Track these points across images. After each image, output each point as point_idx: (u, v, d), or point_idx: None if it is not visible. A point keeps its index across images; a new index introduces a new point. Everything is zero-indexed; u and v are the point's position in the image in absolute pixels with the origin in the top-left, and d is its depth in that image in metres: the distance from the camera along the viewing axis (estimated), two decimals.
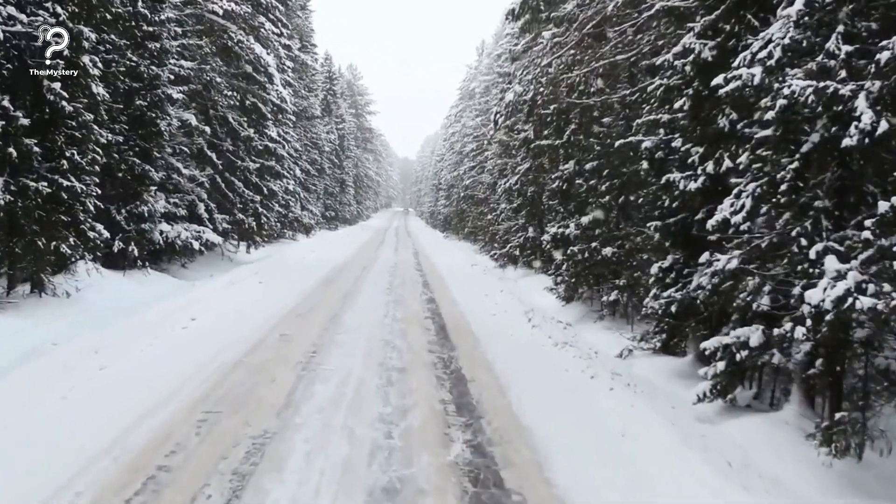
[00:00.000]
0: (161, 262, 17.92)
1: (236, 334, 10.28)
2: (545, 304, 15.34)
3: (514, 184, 21.93)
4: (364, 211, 68.74)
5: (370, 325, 11.73)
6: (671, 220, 8.92)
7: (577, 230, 13.37)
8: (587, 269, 13.40)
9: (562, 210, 15.16)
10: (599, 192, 13.24)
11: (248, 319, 11.55)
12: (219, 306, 12.63)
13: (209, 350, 9.18)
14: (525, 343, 11.19)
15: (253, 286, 15.71)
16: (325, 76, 47.15)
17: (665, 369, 9.53)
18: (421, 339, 10.84)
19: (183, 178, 17.14)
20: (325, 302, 14.02)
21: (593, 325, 12.73)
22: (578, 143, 14.67)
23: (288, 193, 29.68)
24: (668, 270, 8.90)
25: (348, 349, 9.78)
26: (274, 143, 22.74)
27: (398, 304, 14.27)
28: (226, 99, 19.24)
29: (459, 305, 14.58)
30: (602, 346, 11.11)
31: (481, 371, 9.05)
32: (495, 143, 27.93)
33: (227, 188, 20.04)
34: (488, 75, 36.07)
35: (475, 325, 12.38)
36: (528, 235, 21.23)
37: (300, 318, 12.03)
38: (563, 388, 8.45)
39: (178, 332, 10.22)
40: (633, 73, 14.01)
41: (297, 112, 31.97)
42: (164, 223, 16.52)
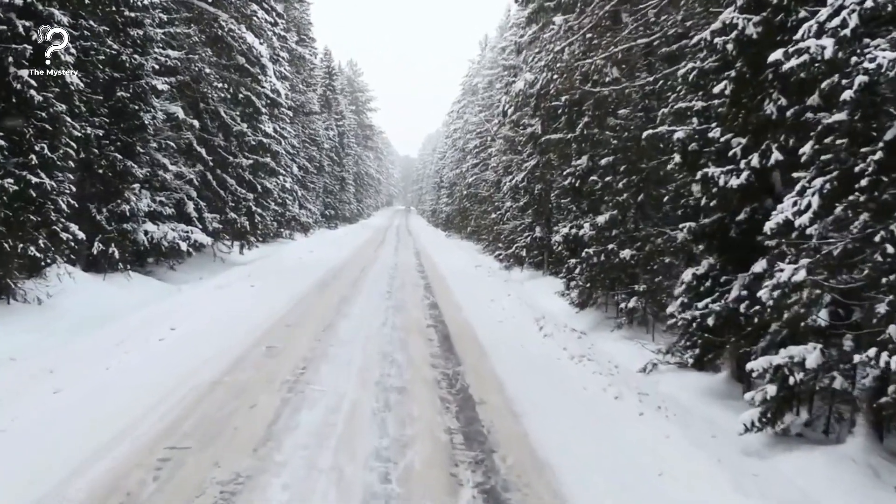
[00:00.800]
0: (147, 265, 16.92)
1: (218, 347, 9.27)
2: (556, 309, 14.31)
3: (520, 181, 20.91)
4: (365, 209, 67.72)
5: (367, 334, 10.71)
6: (706, 221, 7.89)
7: (592, 230, 12.33)
8: (603, 273, 12.37)
9: (574, 209, 14.14)
10: (616, 189, 12.21)
11: (233, 329, 10.53)
12: (203, 313, 11.62)
13: (185, 367, 8.16)
14: (537, 355, 10.17)
15: (243, 290, 14.70)
16: (325, 71, 46.10)
17: (696, 388, 8.49)
18: (423, 352, 9.82)
19: (170, 174, 16.12)
20: (319, 308, 13.00)
21: (610, 334, 11.70)
22: (592, 137, 13.63)
23: (285, 191, 28.67)
24: (702, 278, 7.86)
25: (342, 364, 8.76)
26: (268, 138, 21.71)
27: (398, 310, 13.24)
28: (217, 91, 18.21)
29: (464, 311, 13.55)
30: (622, 359, 10.09)
31: (491, 391, 8.03)
32: (500, 140, 26.89)
33: (219, 185, 19.02)
34: (492, 69, 35.02)
35: (482, 335, 11.36)
36: (536, 235, 20.21)
37: (291, 328, 11.01)
38: (586, 411, 7.42)
39: (153, 345, 9.21)
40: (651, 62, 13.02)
41: (294, 107, 30.93)
42: (150, 223, 15.52)
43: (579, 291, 12.87)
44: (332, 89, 47.04)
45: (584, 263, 12.58)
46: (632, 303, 11.36)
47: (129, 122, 14.34)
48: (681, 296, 8.76)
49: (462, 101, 48.63)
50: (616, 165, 12.55)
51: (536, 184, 20.37)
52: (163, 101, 16.01)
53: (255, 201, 21.19)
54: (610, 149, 12.98)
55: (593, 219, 12.52)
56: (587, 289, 12.46)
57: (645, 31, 10.73)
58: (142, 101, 14.58)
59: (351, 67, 68.19)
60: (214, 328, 10.56)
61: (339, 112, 49.21)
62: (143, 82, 14.48)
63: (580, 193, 14.05)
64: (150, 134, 15.24)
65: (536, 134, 19.99)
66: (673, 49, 11.67)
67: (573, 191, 14.02)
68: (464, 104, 47.47)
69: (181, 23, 16.75)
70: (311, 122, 36.14)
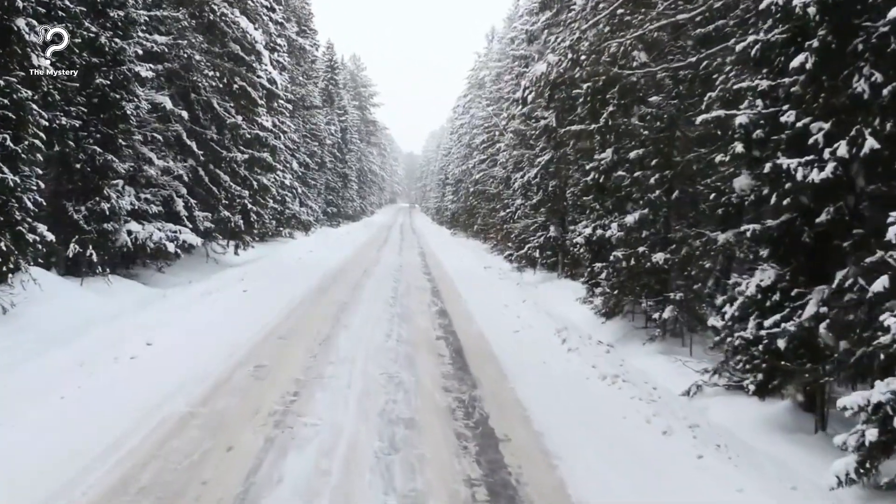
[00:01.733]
0: (133, 267, 15.73)
1: (198, 367, 8.04)
2: (576, 317, 13.06)
3: (532, 177, 19.63)
4: (368, 207, 66.45)
5: (369, 350, 9.47)
6: (771, 223, 6.62)
7: (619, 231, 11.07)
8: (632, 279, 11.11)
9: (597, 207, 12.86)
10: (647, 185, 10.94)
11: (218, 343, 9.31)
12: (186, 324, 10.40)
13: (155, 393, 6.94)
14: (563, 375, 8.93)
15: (234, 296, 13.47)
16: (327, 65, 44.83)
17: (754, 418, 7.24)
18: (433, 371, 8.58)
19: (156, 169, 14.90)
20: (316, 317, 11.76)
21: (642, 347, 10.45)
22: (617, 128, 12.34)
23: (284, 188, 27.45)
24: (768, 290, 6.60)
25: (340, 389, 7.53)
26: (265, 131, 20.46)
27: (404, 319, 12.00)
28: (208, 81, 16.96)
29: (476, 321, 12.30)
30: (660, 379, 8.84)
31: (515, 423, 6.79)
32: (510, 134, 25.61)
33: (212, 182, 17.79)
34: (500, 62, 33.72)
35: (498, 349, 10.12)
36: (550, 235, 18.94)
37: (284, 342, 9.77)
38: (632, 453, 6.17)
39: (122, 365, 7.98)
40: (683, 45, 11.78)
41: (294, 100, 29.70)
42: (134, 222, 14.29)
43: (605, 299, 11.61)
44: (335, 83, 45.77)
45: (610, 268, 11.32)
46: (667, 312, 10.10)
47: (109, 112, 13.10)
48: (735, 309, 7.52)
49: (468, 96, 47.28)
50: (647, 159, 11.29)
51: (550, 180, 19.11)
52: (148, 90, 14.78)
53: (250, 199, 19.96)
54: (639, 140, 11.73)
55: (621, 218, 11.25)
56: (614, 296, 11.21)
57: (685, 5, 9.44)
58: (124, 90, 13.34)
59: (354, 62, 66.88)
60: (197, 342, 9.33)
61: (341, 107, 47.95)
62: (125, 69, 13.24)
63: (603, 190, 12.76)
64: (134, 125, 14.02)
65: (551, 127, 18.75)
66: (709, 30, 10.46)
67: (596, 187, 12.74)
68: (470, 98, 46.13)
69: (169, 5, 15.52)
70: (312, 117, 34.87)
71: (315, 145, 36.24)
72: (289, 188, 28.19)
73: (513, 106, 25.00)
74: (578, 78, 10.96)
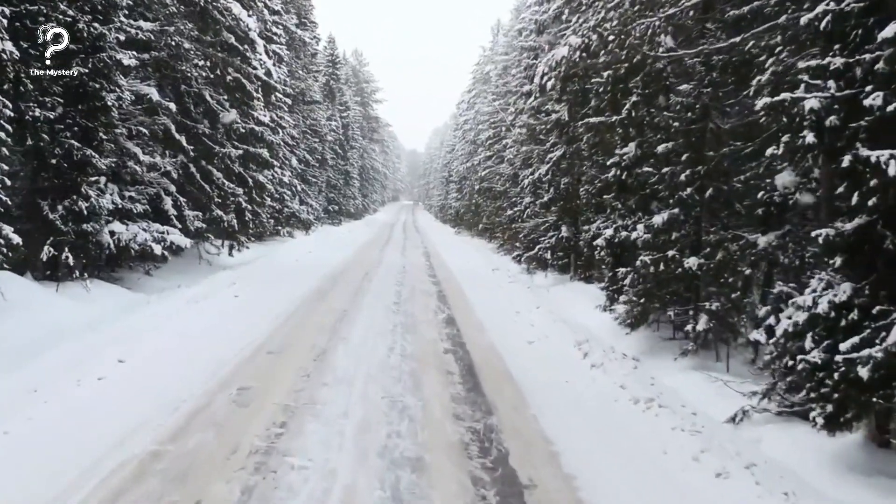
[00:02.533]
0: (119, 270, 14.71)
1: (172, 390, 7.02)
2: (595, 325, 12.00)
3: (543, 174, 18.56)
4: (370, 204, 65.38)
5: (370, 367, 8.44)
6: (846, 227, 5.56)
7: (646, 233, 10.01)
8: (660, 286, 10.05)
9: (619, 207, 11.79)
10: (677, 182, 9.89)
11: (199, 359, 8.29)
12: (167, 336, 9.39)
13: (117, 427, 5.92)
14: (589, 397, 7.89)
15: (224, 302, 12.46)
16: (328, 59, 43.75)
17: (819, 454, 6.18)
18: (442, 394, 7.54)
19: (141, 166, 13.87)
20: (312, 327, 10.73)
21: (673, 363, 9.38)
22: (642, 120, 11.30)
23: (283, 186, 26.41)
24: (843, 308, 5.54)
25: (335, 418, 6.49)
26: (261, 126, 19.40)
27: (408, 329, 10.95)
28: (199, 71, 15.92)
29: (487, 331, 11.26)
30: (698, 402, 7.78)
31: (540, 461, 5.77)
32: (518, 129, 24.55)
33: (203, 179, 16.75)
34: (506, 55, 32.61)
35: (513, 365, 9.09)
36: (562, 235, 17.87)
37: (273, 358, 8.74)
38: (681, 501, 5.13)
39: (85, 390, 6.96)
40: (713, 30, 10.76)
41: (293, 95, 28.64)
42: (117, 222, 13.24)
43: (629, 307, 10.55)
44: (336, 78, 44.69)
45: (635, 273, 10.25)
46: (701, 324, 9.05)
47: (88, 103, 12.06)
48: (790, 325, 6.48)
49: (473, 91, 46.14)
50: (675, 153, 10.24)
51: (563, 177, 18.04)
52: (132, 80, 13.74)
53: (245, 197, 18.93)
54: (665, 133, 10.68)
55: (648, 219, 10.19)
56: (641, 305, 10.15)
57: None
58: (104, 79, 12.28)
59: (356, 57, 65.81)
60: (176, 358, 8.31)
61: (343, 103, 46.88)
62: (106, 56, 12.19)
63: (625, 188, 11.72)
64: (117, 118, 12.97)
65: (563, 120, 17.70)
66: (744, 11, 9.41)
67: (617, 185, 11.68)
68: (475, 93, 45.00)
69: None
70: (313, 112, 33.79)
71: (315, 141, 35.19)
72: (288, 186, 27.16)
73: (521, 100, 23.95)
74: (602, 63, 9.88)
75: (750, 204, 9.81)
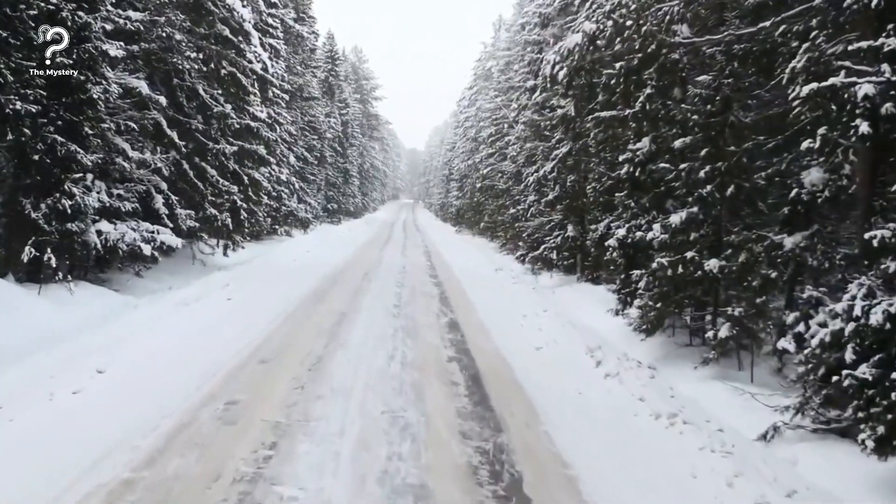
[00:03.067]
0: (108, 271, 14.12)
1: (154, 405, 6.44)
2: (605, 330, 11.42)
3: (548, 171, 17.95)
4: (370, 203, 64.74)
5: (368, 376, 7.85)
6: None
7: (663, 233, 9.41)
8: (678, 290, 9.46)
9: (631, 205, 11.18)
10: (695, 179, 9.30)
11: (185, 369, 7.71)
12: (153, 343, 8.80)
13: (90, 449, 5.34)
14: (606, 411, 7.30)
15: (216, 305, 11.87)
16: (327, 55, 43.11)
17: (864, 479, 5.61)
18: (446, 408, 6.95)
19: (131, 162, 13.26)
20: (307, 332, 10.14)
21: (693, 372, 8.79)
22: (656, 114, 10.71)
23: (280, 183, 25.79)
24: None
25: (329, 437, 5.90)
26: (257, 121, 18.80)
27: (409, 334, 10.36)
28: (191, 63, 15.31)
29: (493, 336, 10.67)
30: (724, 415, 7.20)
31: (559, 490, 5.20)
32: (521, 125, 23.95)
33: (197, 176, 16.15)
34: (509, 50, 31.99)
35: (522, 373, 8.50)
36: (567, 234, 17.28)
37: (265, 367, 8.14)
38: None
39: (58, 405, 6.36)
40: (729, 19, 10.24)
41: (291, 90, 28.03)
42: (105, 221, 12.64)
43: (643, 311, 9.96)
44: (335, 75, 44.03)
45: (651, 276, 9.65)
46: (723, 330, 8.44)
47: (73, 95, 11.46)
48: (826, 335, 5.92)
49: (474, 87, 45.48)
50: (693, 149, 9.65)
51: (569, 174, 17.44)
52: (120, 72, 13.14)
53: (241, 195, 18.33)
54: (681, 127, 10.09)
55: (664, 218, 9.60)
56: (657, 309, 9.56)
57: None
58: (90, 71, 11.68)
59: (356, 54, 65.13)
60: (160, 368, 7.72)
61: (342, 100, 46.22)
62: (91, 46, 11.59)
63: (639, 185, 11.13)
64: (104, 112, 12.37)
65: (569, 116, 17.09)
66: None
67: (630, 182, 11.09)
68: (476, 90, 44.34)
69: None
70: (311, 108, 33.15)
71: (314, 139, 34.56)
72: (285, 183, 26.54)
73: (525, 95, 23.34)
74: (615, 53, 9.28)
75: (775, 202, 9.23)
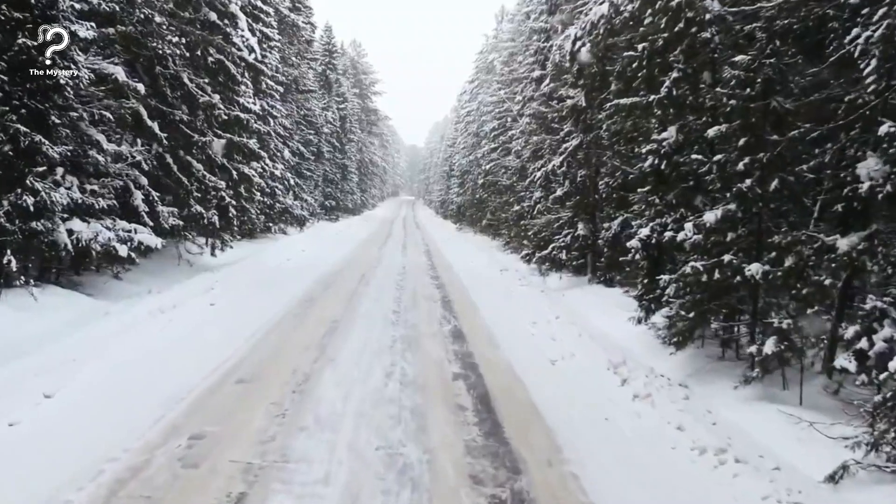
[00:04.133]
0: (84, 273, 13.05)
1: (100, 443, 5.36)
2: (626, 338, 10.33)
3: (557, 166, 16.87)
4: (369, 200, 63.62)
5: (361, 402, 6.77)
6: None
7: (697, 233, 8.32)
8: (712, 297, 8.37)
9: (656, 202, 10.10)
10: (732, 172, 8.21)
11: (148, 392, 6.63)
12: (115, 359, 7.72)
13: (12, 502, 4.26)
14: (638, 442, 6.23)
15: (196, 312, 10.80)
16: (325, 48, 41.97)
17: None
18: (453, 442, 5.88)
19: (106, 155, 12.18)
20: (294, 346, 9.05)
21: (733, 392, 7.69)
22: (684, 100, 9.63)
23: (274, 179, 24.70)
24: None
25: (311, 487, 4.83)
26: (246, 112, 17.70)
27: (409, 346, 9.28)
28: (173, 49, 14.21)
29: (502, 347, 9.60)
30: (778, 449, 6.12)
31: None
32: (526, 118, 22.85)
33: (182, 171, 15.06)
34: (512, 41, 30.87)
35: (538, 394, 7.44)
36: (578, 233, 16.19)
37: (243, 389, 7.06)
38: None
39: None
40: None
41: (286, 83, 26.92)
42: (77, 220, 11.55)
43: (672, 320, 8.88)
44: (333, 68, 42.89)
45: (681, 281, 8.57)
46: (769, 345, 7.35)
47: (37, 81, 10.38)
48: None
49: (475, 81, 44.31)
50: (729, 138, 8.57)
51: (579, 169, 16.37)
52: (94, 57, 12.05)
53: (231, 191, 17.26)
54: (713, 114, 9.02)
55: (697, 216, 8.52)
56: (688, 319, 8.49)
57: None
58: (57, 54, 10.60)
59: (354, 48, 63.90)
60: (118, 392, 6.65)
61: (340, 94, 45.07)
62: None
63: (663, 180, 10.05)
64: (74, 99, 11.30)
65: (580, 107, 15.99)
66: None
67: (654, 176, 10.01)
68: (477, 83, 43.17)
69: None
70: (307, 101, 32.03)
71: (311, 133, 33.44)
72: (280, 179, 25.44)
73: (530, 86, 22.28)
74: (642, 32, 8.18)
75: (826, 199, 8.16)
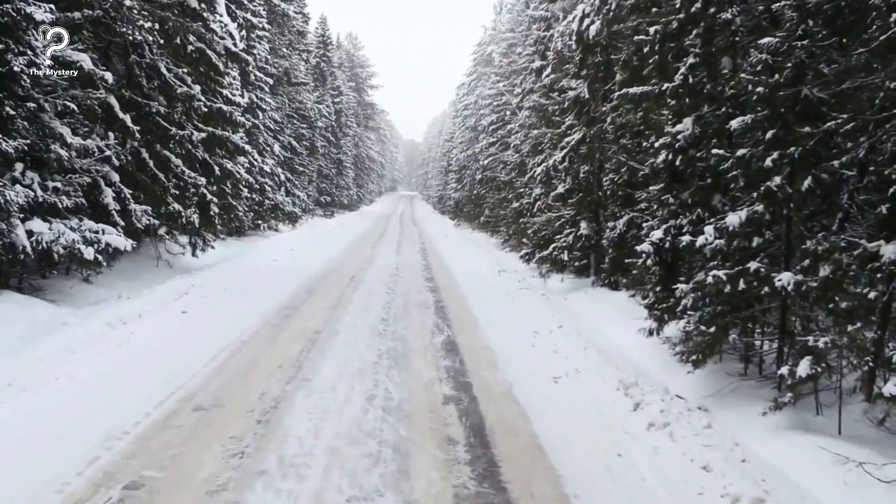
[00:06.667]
0: (51, 276, 12.09)
1: (19, 492, 4.43)
2: (635, 351, 9.42)
3: (558, 161, 15.91)
4: (366, 195, 62.59)
5: (335, 437, 5.83)
6: None
7: (718, 237, 7.39)
8: (735, 309, 7.45)
9: (670, 201, 9.15)
10: (758, 169, 7.28)
11: (85, 426, 5.70)
12: (64, 381, 6.81)
13: None
14: (658, 484, 5.33)
15: (165, 322, 9.87)
16: (319, 40, 40.95)
17: None
18: (440, 491, 4.97)
19: (70, 150, 11.22)
20: (266, 364, 8.09)
21: (761, 419, 6.78)
22: (701, 88, 8.69)
23: (264, 175, 23.73)
24: None
25: None
26: (230, 104, 16.72)
27: (396, 362, 8.35)
28: (146, 34, 13.23)
29: (500, 364, 8.65)
30: (819, 493, 5.24)
31: None
32: (525, 111, 21.90)
33: (158, 166, 14.10)
34: (511, 32, 29.88)
35: (540, 423, 6.53)
36: (581, 233, 15.26)
37: (198, 420, 6.13)
38: None
39: None
40: None
41: (276, 74, 25.93)
42: (38, 220, 10.61)
43: (690, 336, 7.96)
44: (328, 61, 41.86)
45: (699, 291, 7.64)
46: (803, 367, 6.42)
47: None
48: None
49: (474, 74, 43.27)
50: (752, 130, 7.65)
51: (582, 164, 15.42)
52: (53, 41, 11.06)
53: (213, 187, 16.29)
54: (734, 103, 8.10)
55: (720, 219, 7.59)
56: (709, 334, 7.58)
57: None
58: (10, 38, 9.67)
59: (350, 41, 62.77)
60: (54, 426, 5.72)
61: (335, 87, 44.07)
62: (11, 8, 9.55)
63: (678, 177, 9.11)
64: (32, 89, 10.33)
65: (583, 98, 15.05)
66: None
67: (668, 172, 9.08)
68: (476, 76, 42.15)
69: None
70: (299, 94, 31.03)
71: (304, 127, 32.45)
72: (269, 175, 24.46)
73: (530, 77, 21.34)
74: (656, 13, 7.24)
75: (864, 199, 7.25)
